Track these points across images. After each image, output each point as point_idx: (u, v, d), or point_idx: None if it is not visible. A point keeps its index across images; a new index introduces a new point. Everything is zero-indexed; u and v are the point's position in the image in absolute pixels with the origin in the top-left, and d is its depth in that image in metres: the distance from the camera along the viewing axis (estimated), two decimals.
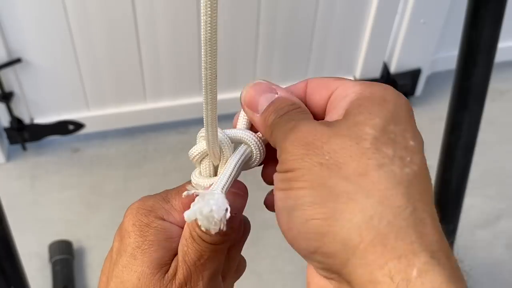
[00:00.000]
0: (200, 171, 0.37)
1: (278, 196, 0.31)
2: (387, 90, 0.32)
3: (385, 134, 0.29)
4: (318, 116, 0.34)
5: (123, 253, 0.34)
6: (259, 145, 0.36)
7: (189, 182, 0.37)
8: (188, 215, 0.31)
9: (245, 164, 0.36)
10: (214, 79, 0.32)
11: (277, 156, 0.32)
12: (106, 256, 0.37)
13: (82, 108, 1.46)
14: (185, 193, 0.33)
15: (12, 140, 1.46)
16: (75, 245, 1.34)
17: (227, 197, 0.32)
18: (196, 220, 0.31)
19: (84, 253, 1.34)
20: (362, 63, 1.57)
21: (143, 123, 1.53)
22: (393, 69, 1.60)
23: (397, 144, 0.29)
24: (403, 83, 1.61)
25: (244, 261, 0.40)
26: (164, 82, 1.46)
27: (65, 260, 1.29)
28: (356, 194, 0.28)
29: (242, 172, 0.37)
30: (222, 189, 0.33)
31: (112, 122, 1.50)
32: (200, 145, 0.36)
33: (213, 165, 0.37)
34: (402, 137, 0.30)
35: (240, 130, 0.36)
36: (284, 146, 0.31)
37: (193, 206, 0.32)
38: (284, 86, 0.37)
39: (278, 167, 0.31)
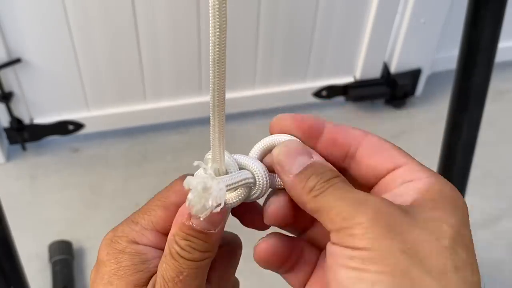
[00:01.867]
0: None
1: (346, 275, 0.28)
2: (456, 192, 0.32)
3: (460, 236, 0.29)
4: (360, 183, 0.33)
5: (99, 281, 0.34)
6: (265, 179, 0.34)
7: (159, 195, 0.36)
8: (188, 180, 0.30)
9: (245, 193, 0.35)
10: (222, 102, 0.31)
11: (331, 225, 0.30)
12: None
13: (82, 108, 1.46)
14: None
15: (12, 140, 1.46)
16: (75, 245, 1.34)
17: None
18: (189, 191, 0.30)
19: (84, 254, 1.34)
20: (362, 63, 1.57)
21: (143, 123, 1.53)
22: (393, 69, 1.60)
23: (469, 249, 0.29)
24: (403, 83, 1.61)
25: (238, 283, 0.39)
26: (164, 82, 1.46)
27: (65, 260, 1.29)
28: None
29: None
30: (227, 186, 0.32)
31: (112, 122, 1.50)
32: (202, 172, 0.34)
33: None
34: (471, 243, 0.30)
35: (249, 158, 0.35)
36: (349, 224, 0.29)
37: (197, 176, 0.31)
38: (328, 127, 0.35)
39: (343, 240, 0.29)
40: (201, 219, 0.31)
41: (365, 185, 0.33)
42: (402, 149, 0.33)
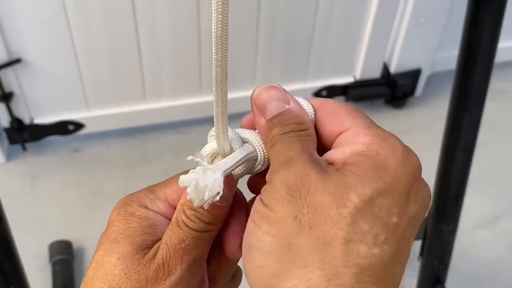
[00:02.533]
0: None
1: (249, 225, 0.31)
2: (395, 154, 0.30)
3: (369, 206, 0.28)
4: (325, 144, 0.34)
5: (106, 239, 0.35)
6: (265, 150, 0.36)
7: (176, 176, 0.37)
8: (182, 180, 0.31)
9: (249, 165, 0.36)
10: (224, 77, 0.32)
11: (266, 176, 0.31)
12: None
13: (82, 108, 1.46)
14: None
15: (12, 140, 1.46)
16: (75, 245, 1.34)
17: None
18: (186, 188, 0.31)
19: (84, 253, 1.34)
20: (362, 63, 1.57)
21: (143, 123, 1.53)
22: (393, 69, 1.60)
23: (377, 219, 0.28)
24: (403, 83, 1.61)
25: (241, 271, 0.40)
26: (164, 82, 1.46)
27: (65, 260, 1.29)
28: (312, 262, 0.27)
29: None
30: (224, 171, 0.33)
31: (112, 122, 1.50)
32: (211, 145, 0.36)
33: None
34: (386, 211, 0.28)
35: (250, 131, 0.36)
36: (273, 180, 0.30)
37: (191, 173, 0.32)
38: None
39: (262, 193, 0.31)
40: (205, 207, 0.32)
41: (327, 148, 0.34)
42: (357, 113, 0.33)
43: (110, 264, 0.33)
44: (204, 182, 0.31)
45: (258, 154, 0.36)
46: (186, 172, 0.34)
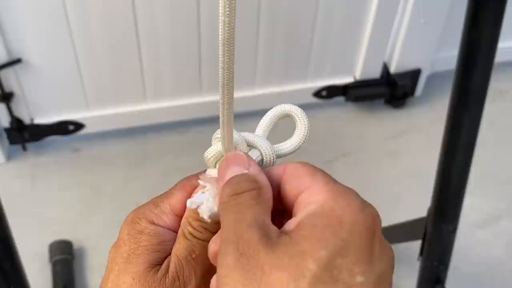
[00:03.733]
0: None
1: None
2: (350, 208, 0.29)
3: (327, 270, 0.27)
4: (290, 208, 0.33)
5: (119, 259, 0.35)
6: (272, 155, 0.36)
7: (181, 181, 0.38)
8: (190, 203, 0.33)
9: None
10: (231, 80, 0.31)
11: (218, 252, 0.30)
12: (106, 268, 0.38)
13: (82, 108, 1.46)
14: (200, 180, 0.34)
15: (12, 140, 1.46)
16: (75, 245, 1.34)
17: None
18: (196, 208, 0.33)
19: (84, 253, 1.34)
20: (362, 63, 1.57)
21: (143, 123, 1.53)
22: (393, 69, 1.60)
23: (338, 283, 0.26)
24: (403, 83, 1.61)
25: None
26: (164, 82, 1.46)
27: (65, 260, 1.29)
28: None
29: None
30: None
31: (112, 122, 1.50)
32: (216, 147, 0.36)
33: None
34: (348, 272, 0.27)
35: (257, 135, 0.36)
36: (224, 262, 0.29)
37: (196, 197, 0.33)
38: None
39: (217, 276, 0.29)
40: (214, 219, 0.33)
41: (289, 210, 0.33)
42: (317, 171, 0.32)
43: (126, 284, 0.34)
44: (213, 202, 0.32)
45: (264, 159, 0.36)
46: (192, 177, 0.35)
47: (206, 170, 0.37)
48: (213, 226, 0.35)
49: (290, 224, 0.30)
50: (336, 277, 0.27)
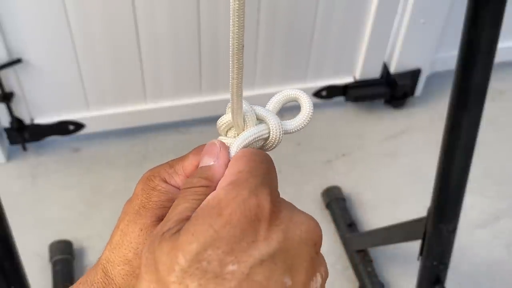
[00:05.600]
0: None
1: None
2: (234, 198, 0.30)
3: (196, 262, 0.28)
4: None
5: (130, 211, 0.38)
6: (279, 130, 0.37)
7: (196, 147, 0.39)
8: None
9: (260, 144, 0.38)
10: (241, 50, 0.33)
11: None
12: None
13: (82, 108, 1.46)
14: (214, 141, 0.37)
15: (13, 140, 1.46)
16: (75, 245, 1.34)
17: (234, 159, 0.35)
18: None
19: (84, 253, 1.34)
20: (362, 63, 1.57)
21: (143, 123, 1.53)
22: (393, 69, 1.60)
23: (207, 274, 0.28)
24: (403, 83, 1.61)
25: None
26: (164, 82, 1.46)
27: (66, 260, 1.29)
28: None
29: None
30: (243, 147, 0.36)
31: (112, 122, 1.50)
32: (228, 116, 0.38)
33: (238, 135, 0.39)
34: (218, 263, 0.28)
35: (268, 110, 0.38)
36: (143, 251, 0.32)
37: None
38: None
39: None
40: None
41: None
42: (244, 161, 0.34)
43: (134, 233, 0.36)
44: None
45: (271, 134, 0.37)
46: (203, 146, 0.37)
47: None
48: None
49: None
50: (205, 268, 0.28)
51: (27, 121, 1.43)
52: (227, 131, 0.39)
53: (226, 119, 0.38)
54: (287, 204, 0.32)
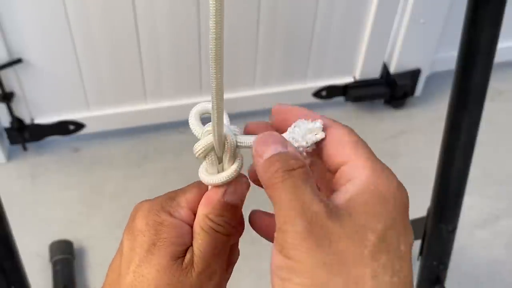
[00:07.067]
0: (206, 168, 0.38)
1: (276, 282, 0.32)
2: (390, 184, 0.33)
3: (383, 241, 0.31)
4: (328, 168, 0.36)
5: (139, 250, 0.36)
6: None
7: (195, 183, 0.39)
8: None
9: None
10: (221, 77, 0.33)
11: (277, 223, 0.32)
12: (114, 257, 0.38)
13: (83, 108, 1.46)
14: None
15: (13, 140, 1.46)
16: (76, 245, 1.34)
17: (232, 185, 0.37)
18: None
19: (84, 253, 1.34)
20: (362, 63, 1.57)
21: (143, 123, 1.53)
22: (393, 69, 1.60)
23: (391, 252, 0.31)
24: (403, 83, 1.61)
25: (238, 252, 0.42)
26: (164, 82, 1.46)
27: (66, 260, 1.29)
28: None
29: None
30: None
31: (112, 122, 1.50)
32: (206, 139, 0.37)
33: (218, 158, 0.38)
34: (396, 243, 0.32)
35: (247, 136, 0.38)
36: (289, 229, 0.31)
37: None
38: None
39: (278, 246, 0.32)
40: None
41: (331, 171, 0.36)
42: (359, 143, 0.35)
43: (151, 275, 0.36)
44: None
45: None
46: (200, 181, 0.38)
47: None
48: (233, 220, 0.37)
49: (339, 198, 0.33)
50: (389, 247, 0.31)
51: (27, 121, 1.43)
52: (205, 156, 0.38)
53: (204, 142, 0.37)
54: None
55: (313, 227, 0.31)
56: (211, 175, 0.38)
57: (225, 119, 0.37)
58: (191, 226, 0.38)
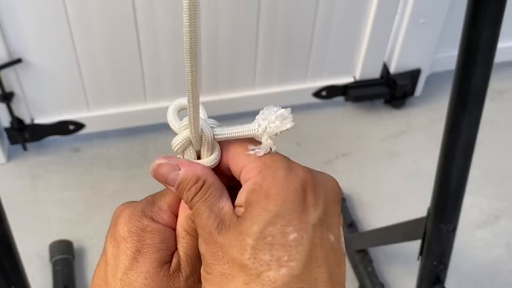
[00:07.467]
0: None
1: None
2: (275, 181, 0.33)
3: (262, 239, 0.32)
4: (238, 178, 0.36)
5: (123, 257, 0.36)
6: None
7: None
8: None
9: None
10: (195, 73, 0.34)
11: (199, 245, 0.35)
12: (99, 262, 0.38)
13: (83, 108, 1.46)
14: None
15: (13, 140, 1.46)
16: (76, 245, 1.34)
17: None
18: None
19: (84, 253, 1.34)
20: (362, 63, 1.57)
21: (143, 123, 1.53)
22: (393, 69, 1.60)
23: (274, 246, 0.32)
24: (403, 83, 1.61)
25: None
26: (164, 82, 1.46)
27: (66, 260, 1.29)
28: None
29: None
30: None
31: (112, 122, 1.50)
32: (183, 134, 0.38)
33: (196, 152, 0.38)
34: (281, 235, 0.32)
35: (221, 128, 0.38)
36: (201, 251, 0.34)
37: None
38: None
39: (203, 263, 0.34)
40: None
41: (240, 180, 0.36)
42: (251, 148, 0.35)
43: (138, 283, 0.35)
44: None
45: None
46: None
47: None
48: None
49: (238, 201, 0.34)
50: (271, 242, 0.31)
51: (27, 121, 1.43)
52: (183, 151, 0.38)
53: (181, 137, 0.38)
54: (312, 169, 0.35)
55: (209, 245, 0.33)
56: None
57: (202, 113, 0.37)
58: (175, 230, 0.37)
